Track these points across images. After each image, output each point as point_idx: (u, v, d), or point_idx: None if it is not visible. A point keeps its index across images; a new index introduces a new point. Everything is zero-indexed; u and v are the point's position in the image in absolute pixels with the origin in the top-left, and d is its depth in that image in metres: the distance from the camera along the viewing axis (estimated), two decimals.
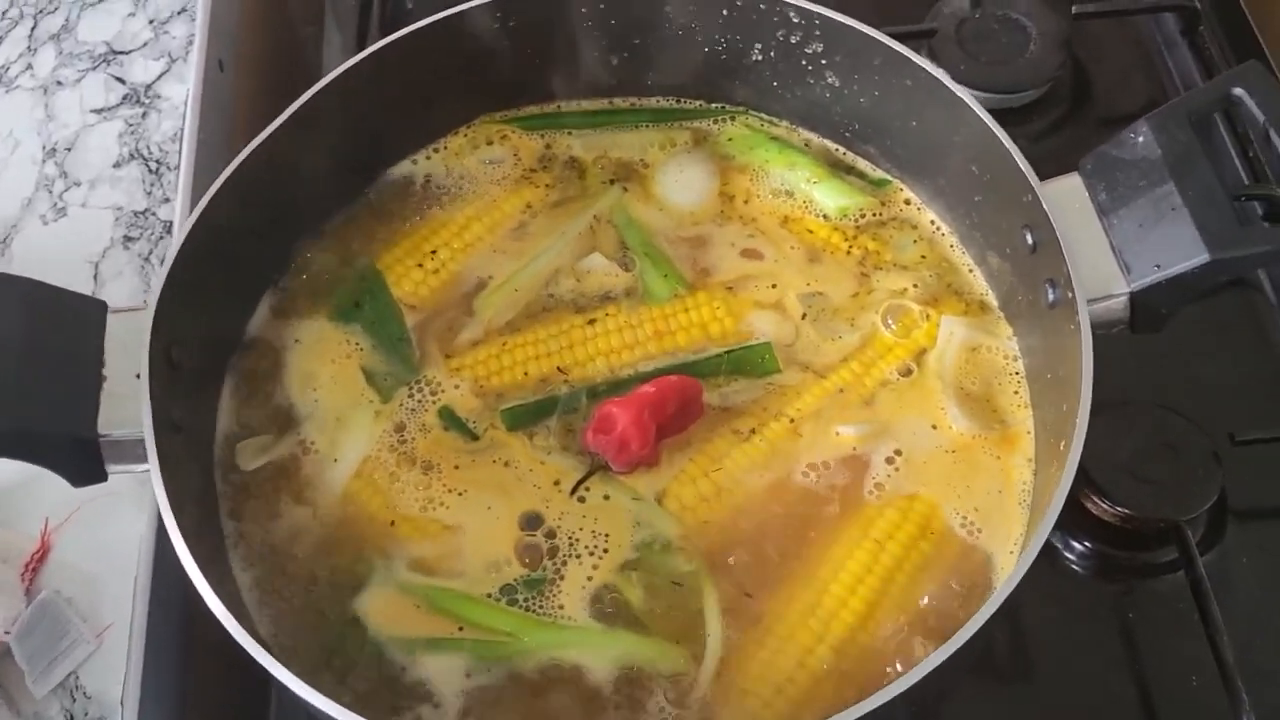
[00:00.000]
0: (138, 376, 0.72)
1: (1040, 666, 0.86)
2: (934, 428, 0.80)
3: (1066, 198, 0.76)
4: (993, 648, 0.86)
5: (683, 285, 0.86)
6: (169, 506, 0.68)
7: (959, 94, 0.79)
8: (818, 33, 0.85)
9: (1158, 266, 0.73)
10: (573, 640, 0.73)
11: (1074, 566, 0.90)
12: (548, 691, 0.72)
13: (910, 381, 0.83)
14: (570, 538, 0.77)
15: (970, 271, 0.87)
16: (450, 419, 0.81)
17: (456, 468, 0.80)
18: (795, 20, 0.85)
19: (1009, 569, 0.75)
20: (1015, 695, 0.85)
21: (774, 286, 0.86)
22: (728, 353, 0.83)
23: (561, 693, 0.72)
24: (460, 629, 0.74)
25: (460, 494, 0.79)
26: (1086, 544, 0.90)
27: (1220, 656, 0.81)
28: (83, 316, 0.74)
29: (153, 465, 0.69)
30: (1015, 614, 0.87)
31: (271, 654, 0.64)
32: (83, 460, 0.72)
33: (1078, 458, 0.67)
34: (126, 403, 0.72)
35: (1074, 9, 1.11)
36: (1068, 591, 0.89)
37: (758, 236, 0.89)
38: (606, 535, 0.77)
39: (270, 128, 0.81)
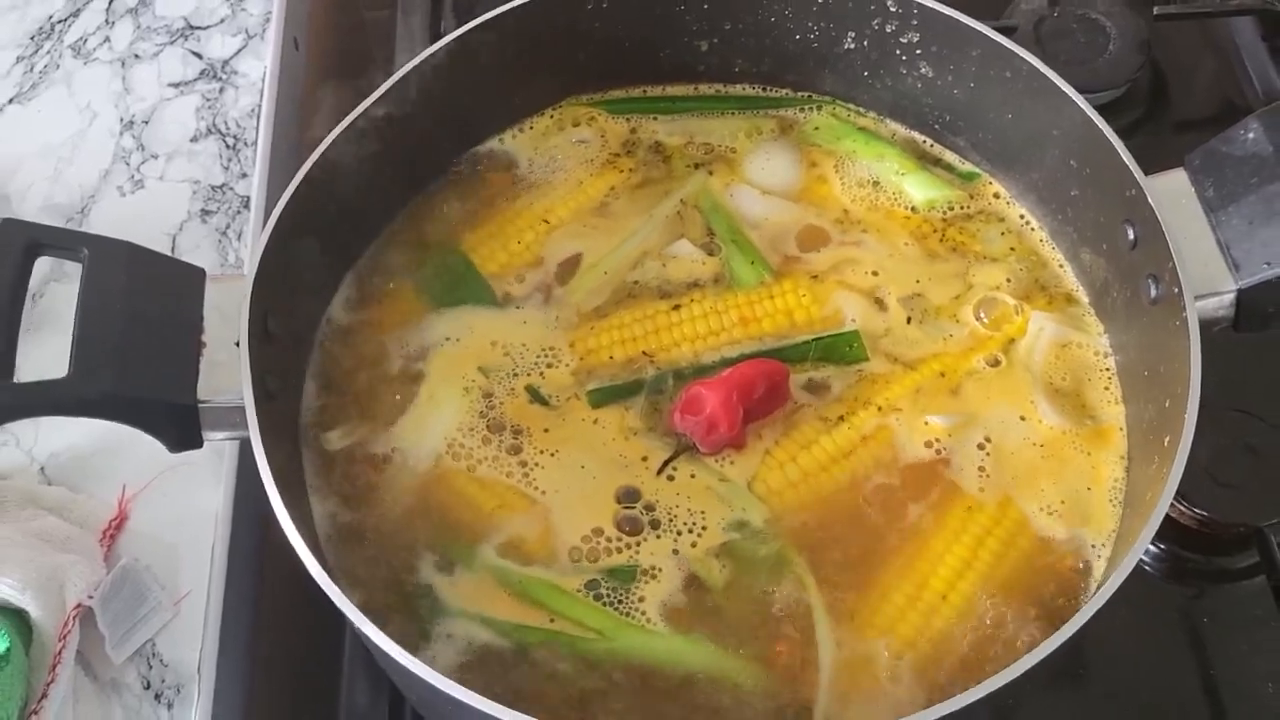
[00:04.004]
0: (236, 344, 0.72)
1: (1108, 668, 0.85)
2: (1022, 419, 0.80)
3: (1172, 193, 0.75)
4: (1059, 648, 0.85)
5: (769, 272, 0.86)
6: (269, 472, 0.68)
7: (1063, 88, 0.78)
8: (915, 22, 0.85)
9: (1268, 264, 0.72)
10: (662, 648, 0.72)
11: (1146, 568, 0.89)
12: (627, 694, 0.72)
13: (998, 372, 0.82)
14: (669, 513, 0.76)
15: (1060, 266, 0.86)
16: (535, 396, 0.81)
17: (546, 430, 0.80)
18: (892, 9, 0.85)
19: (1101, 565, 0.75)
20: (1082, 697, 0.84)
21: (876, 274, 0.86)
22: (816, 340, 0.83)
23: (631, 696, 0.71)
24: (551, 620, 0.73)
25: (553, 454, 0.79)
26: (1160, 545, 0.89)
27: None
28: (183, 283, 0.74)
29: (253, 433, 0.69)
30: None
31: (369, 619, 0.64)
32: (181, 426, 0.72)
33: (1187, 452, 0.66)
34: (225, 370, 0.72)
35: (1155, 10, 1.10)
36: (1139, 593, 0.86)
37: (846, 225, 0.88)
38: (703, 512, 0.76)
39: (368, 101, 0.81)
